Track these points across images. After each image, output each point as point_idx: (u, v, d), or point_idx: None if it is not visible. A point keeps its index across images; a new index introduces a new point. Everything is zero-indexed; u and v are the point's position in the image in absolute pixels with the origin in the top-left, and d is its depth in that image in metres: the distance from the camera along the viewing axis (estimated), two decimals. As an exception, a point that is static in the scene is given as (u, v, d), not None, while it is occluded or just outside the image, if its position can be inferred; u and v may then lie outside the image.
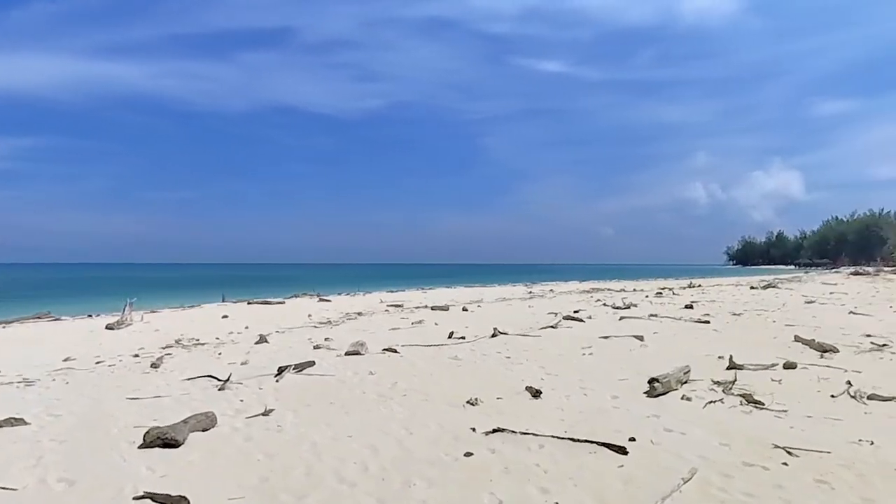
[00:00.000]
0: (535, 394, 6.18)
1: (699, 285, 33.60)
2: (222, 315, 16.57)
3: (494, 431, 4.84)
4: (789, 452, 4.34)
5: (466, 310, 17.96)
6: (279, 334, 12.11)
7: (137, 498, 3.65)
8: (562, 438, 4.62)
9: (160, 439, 4.55)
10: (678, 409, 5.68)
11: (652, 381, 6.44)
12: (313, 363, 7.98)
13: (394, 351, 9.08)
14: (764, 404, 5.79)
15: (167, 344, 10.85)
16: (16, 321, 15.52)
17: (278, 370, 7.30)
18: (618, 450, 4.36)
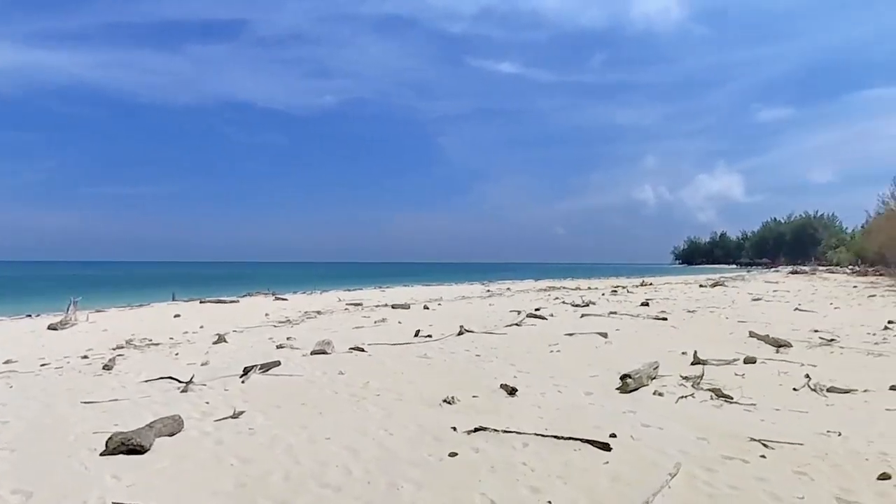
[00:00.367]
0: (510, 392, 6.14)
1: (651, 284, 34.59)
2: (174, 314, 15.92)
3: (476, 430, 4.76)
4: (765, 445, 4.44)
5: (428, 308, 17.88)
6: (237, 334, 11.71)
7: (104, 510, 3.39)
8: (545, 436, 4.59)
9: (124, 445, 4.26)
10: (652, 405, 5.76)
11: (624, 377, 6.51)
12: (279, 363, 7.72)
13: (361, 350, 8.89)
14: (733, 398, 5.94)
15: (118, 344, 10.31)
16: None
17: (244, 370, 7.02)
18: (601, 446, 4.37)
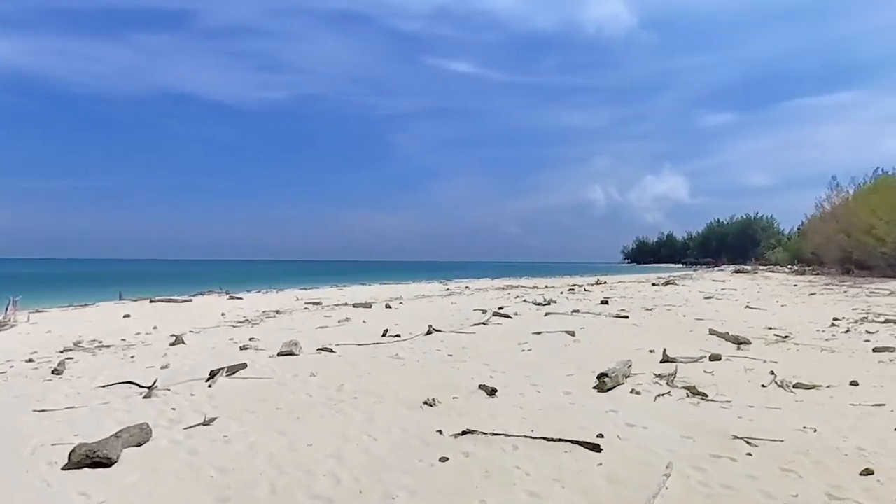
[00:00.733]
0: (490, 392, 6.07)
1: (605, 282, 35.33)
2: (123, 314, 15.14)
3: (464, 434, 4.65)
4: (748, 442, 4.51)
5: (390, 307, 17.66)
6: (195, 335, 11.21)
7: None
8: (534, 438, 4.53)
9: (89, 458, 3.94)
10: (632, 404, 5.79)
11: (601, 376, 6.54)
12: (245, 365, 7.40)
13: (330, 350, 8.64)
14: (707, 396, 6.05)
15: (65, 347, 9.68)
16: None
17: (210, 374, 6.68)
18: (592, 447, 4.34)
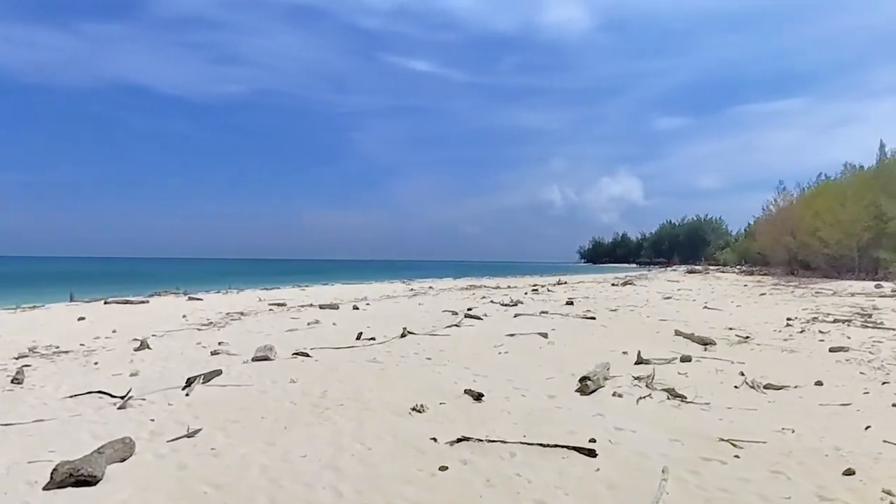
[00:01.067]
0: (476, 397, 6.07)
1: (566, 283, 35.98)
2: (78, 317, 14.45)
3: (459, 441, 4.64)
4: (734, 445, 4.66)
5: (357, 308, 17.48)
6: (159, 339, 10.81)
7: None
8: (530, 444, 4.56)
9: (73, 477, 3.74)
10: (615, 407, 5.90)
11: (583, 379, 6.64)
12: (220, 372, 7.18)
13: (306, 355, 8.48)
14: (687, 398, 6.22)
15: (19, 353, 9.17)
16: None
17: (187, 381, 6.45)
18: (587, 453, 4.39)
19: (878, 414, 5.59)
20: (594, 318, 14.21)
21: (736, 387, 6.85)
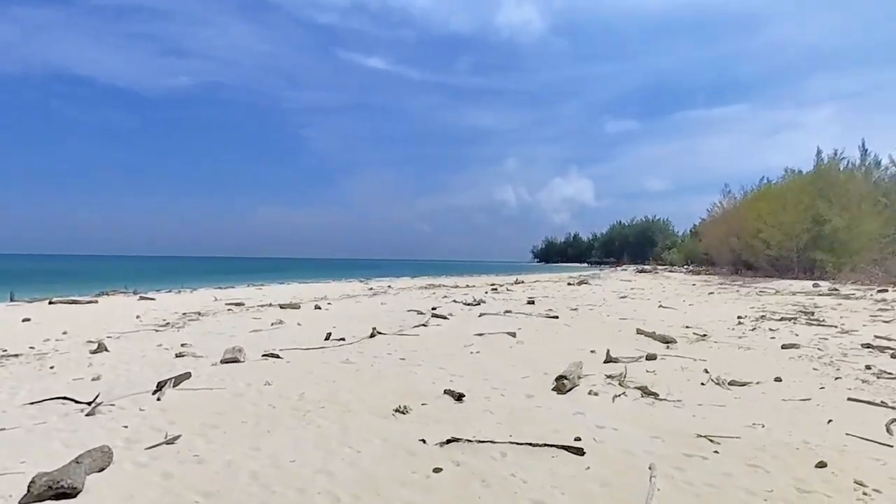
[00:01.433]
0: (457, 398, 6.09)
1: (524, 282, 36.48)
2: (22, 318, 13.68)
3: (448, 442, 4.65)
4: (711, 440, 4.84)
5: (319, 308, 17.23)
6: (115, 340, 10.36)
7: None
8: (519, 444, 4.61)
9: (52, 489, 3.54)
10: (593, 405, 6.04)
11: (560, 378, 6.76)
12: (189, 375, 6.95)
13: (277, 356, 8.30)
14: (659, 395, 6.43)
15: (-37, 357, 8.62)
16: None
17: (158, 385, 6.20)
18: (575, 451, 4.48)
19: (836, 408, 5.91)
20: (557, 318, 14.47)
21: (703, 384, 7.11)
